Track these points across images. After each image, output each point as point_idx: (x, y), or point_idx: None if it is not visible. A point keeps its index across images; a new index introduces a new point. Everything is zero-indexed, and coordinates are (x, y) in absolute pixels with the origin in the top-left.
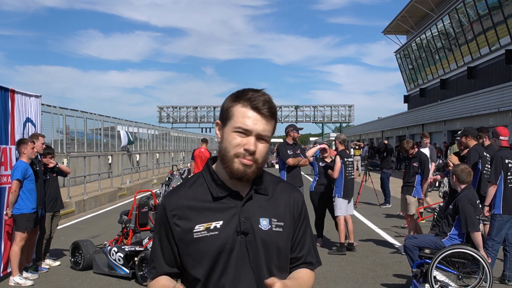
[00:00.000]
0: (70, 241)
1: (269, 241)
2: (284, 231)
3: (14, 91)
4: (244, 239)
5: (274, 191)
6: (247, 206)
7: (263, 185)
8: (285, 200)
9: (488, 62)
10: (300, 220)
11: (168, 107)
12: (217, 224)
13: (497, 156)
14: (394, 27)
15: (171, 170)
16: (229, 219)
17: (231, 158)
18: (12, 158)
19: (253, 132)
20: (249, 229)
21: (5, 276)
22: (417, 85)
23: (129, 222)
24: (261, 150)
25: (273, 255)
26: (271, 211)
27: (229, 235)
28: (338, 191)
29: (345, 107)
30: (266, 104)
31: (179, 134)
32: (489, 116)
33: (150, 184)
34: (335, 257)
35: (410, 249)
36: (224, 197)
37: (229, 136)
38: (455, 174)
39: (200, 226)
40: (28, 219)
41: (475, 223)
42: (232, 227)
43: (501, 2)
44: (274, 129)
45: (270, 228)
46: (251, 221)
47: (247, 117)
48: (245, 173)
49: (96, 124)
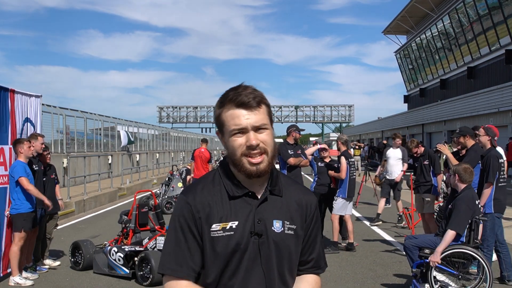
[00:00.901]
0: (70, 241)
1: (281, 244)
2: (296, 234)
3: (14, 91)
4: (257, 240)
5: (288, 193)
6: (262, 207)
7: (278, 186)
8: (298, 203)
9: (488, 62)
10: (312, 223)
11: (168, 107)
12: (233, 224)
13: (493, 156)
14: (394, 27)
15: (171, 170)
16: (245, 219)
17: (240, 160)
18: (12, 158)
19: (248, 127)
20: (262, 231)
21: (5, 276)
22: (417, 85)
23: (129, 222)
24: (264, 139)
25: (284, 257)
26: (284, 214)
27: (243, 236)
28: (342, 192)
29: (345, 107)
30: (249, 96)
31: (179, 134)
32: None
33: (150, 184)
34: (335, 257)
35: (410, 249)
36: (240, 196)
37: (230, 141)
38: (457, 173)
39: (217, 226)
40: (25, 219)
41: (460, 225)
42: (247, 228)
43: (501, 2)
44: (269, 114)
45: (282, 231)
46: (265, 222)
47: (236, 117)
48: (258, 170)
49: (96, 124)
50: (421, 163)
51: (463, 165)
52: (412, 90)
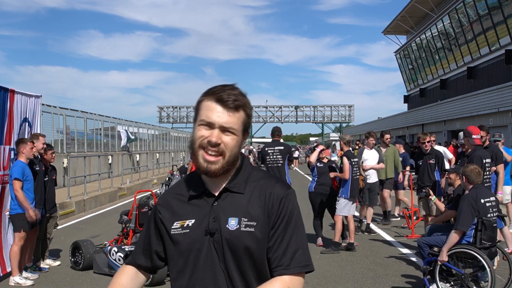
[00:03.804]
0: (70, 241)
1: (236, 242)
2: (257, 230)
3: (14, 91)
4: (212, 239)
5: (252, 189)
6: (219, 205)
7: (238, 183)
8: (263, 198)
9: (488, 62)
10: (277, 217)
11: (168, 107)
12: (190, 223)
13: (476, 156)
14: (394, 27)
15: (171, 170)
16: (201, 218)
17: (197, 151)
18: (6, 158)
19: (216, 124)
20: (216, 229)
21: (5, 276)
22: (417, 85)
23: (129, 222)
24: (227, 142)
25: (243, 256)
26: (242, 210)
27: (198, 235)
28: (344, 192)
29: (345, 107)
30: (231, 96)
31: (179, 134)
32: (489, 116)
33: (150, 184)
34: (335, 257)
35: (421, 246)
36: (198, 195)
37: (196, 129)
38: (464, 175)
39: (177, 223)
40: (24, 219)
41: (463, 224)
42: (203, 227)
43: (501, 2)
44: (243, 122)
45: (238, 228)
46: (220, 221)
47: (210, 110)
48: (208, 169)
49: (96, 124)
50: (426, 161)
51: (469, 166)
52: (412, 90)
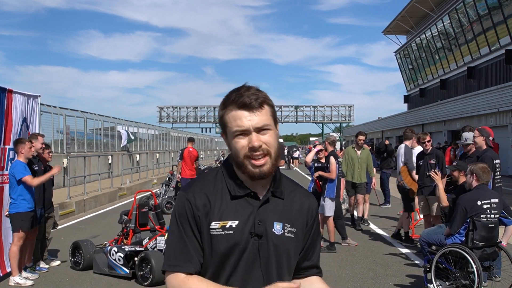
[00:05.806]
0: (70, 241)
1: (281, 246)
2: (296, 237)
3: (11, 91)
4: (257, 241)
5: (290, 196)
6: (263, 208)
7: (280, 188)
8: (300, 206)
9: (488, 62)
10: (313, 227)
11: (168, 107)
12: (233, 224)
13: (488, 157)
14: (394, 27)
15: (171, 170)
16: (245, 220)
17: (243, 161)
18: (5, 158)
19: (250, 129)
20: (262, 232)
21: (5, 276)
22: (417, 85)
23: (129, 222)
24: (267, 140)
25: (283, 260)
26: (285, 216)
27: (243, 236)
28: (330, 192)
29: (345, 107)
30: (250, 97)
31: (179, 134)
32: (489, 116)
33: (150, 184)
34: (335, 257)
35: (422, 245)
36: (242, 196)
37: (233, 143)
38: (475, 173)
39: (216, 224)
40: (24, 219)
41: (453, 225)
42: (247, 228)
43: (501, 2)
44: (272, 115)
45: (282, 233)
46: (265, 224)
47: (238, 119)
48: (261, 173)
49: (96, 124)
50: (426, 161)
51: (479, 164)
52: (412, 90)
